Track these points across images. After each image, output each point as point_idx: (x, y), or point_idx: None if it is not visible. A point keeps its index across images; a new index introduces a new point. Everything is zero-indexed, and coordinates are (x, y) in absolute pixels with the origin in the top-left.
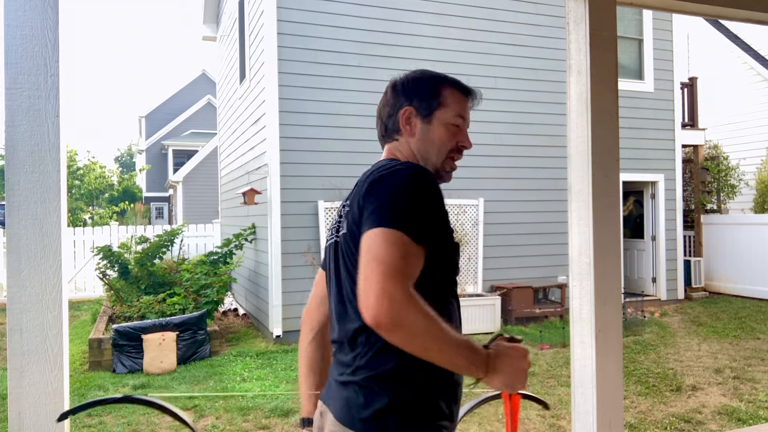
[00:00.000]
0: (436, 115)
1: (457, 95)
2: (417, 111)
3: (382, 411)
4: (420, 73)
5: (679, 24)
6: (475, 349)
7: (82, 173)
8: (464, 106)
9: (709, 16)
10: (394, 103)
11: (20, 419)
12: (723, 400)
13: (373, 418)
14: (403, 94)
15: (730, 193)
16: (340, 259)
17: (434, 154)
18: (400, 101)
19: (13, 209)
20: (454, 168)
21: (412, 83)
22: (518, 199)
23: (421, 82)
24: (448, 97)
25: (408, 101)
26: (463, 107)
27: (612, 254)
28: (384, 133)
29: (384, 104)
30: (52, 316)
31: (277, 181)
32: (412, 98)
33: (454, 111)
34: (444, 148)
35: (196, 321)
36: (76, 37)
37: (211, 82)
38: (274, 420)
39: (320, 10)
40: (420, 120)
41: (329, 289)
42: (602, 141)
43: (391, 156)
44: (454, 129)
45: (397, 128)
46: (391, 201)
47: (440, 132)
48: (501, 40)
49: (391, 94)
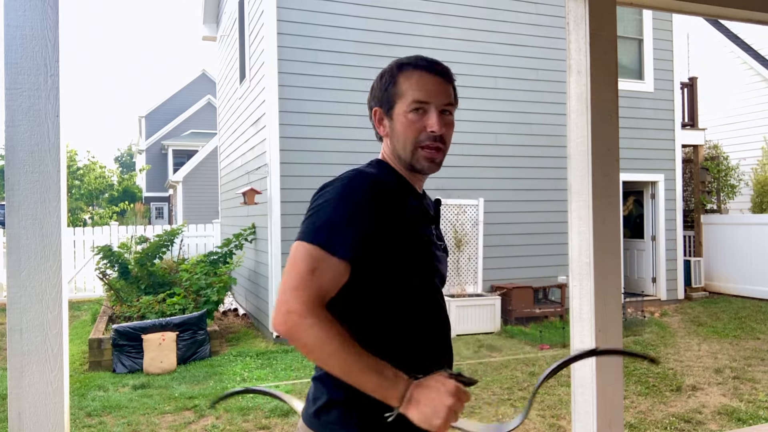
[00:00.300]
0: (396, 109)
1: (416, 77)
2: (383, 110)
3: (323, 407)
4: (385, 68)
5: (679, 24)
6: (387, 376)
7: (82, 173)
8: (429, 86)
9: (709, 16)
10: (368, 107)
11: (20, 419)
12: (723, 400)
13: (317, 413)
14: (371, 95)
15: (730, 193)
16: None
17: (401, 148)
18: (371, 104)
19: (13, 209)
20: (433, 157)
21: (376, 82)
22: (518, 199)
23: (381, 78)
24: (403, 85)
25: (375, 102)
26: (427, 88)
27: (612, 254)
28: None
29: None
30: (52, 316)
31: (277, 181)
32: (376, 98)
33: (410, 97)
34: (408, 140)
35: (196, 321)
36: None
37: (211, 82)
38: (274, 420)
39: (320, 10)
40: (387, 118)
41: None
42: (602, 141)
43: (379, 157)
44: (414, 117)
45: (377, 131)
46: (314, 213)
47: (401, 124)
48: (501, 40)
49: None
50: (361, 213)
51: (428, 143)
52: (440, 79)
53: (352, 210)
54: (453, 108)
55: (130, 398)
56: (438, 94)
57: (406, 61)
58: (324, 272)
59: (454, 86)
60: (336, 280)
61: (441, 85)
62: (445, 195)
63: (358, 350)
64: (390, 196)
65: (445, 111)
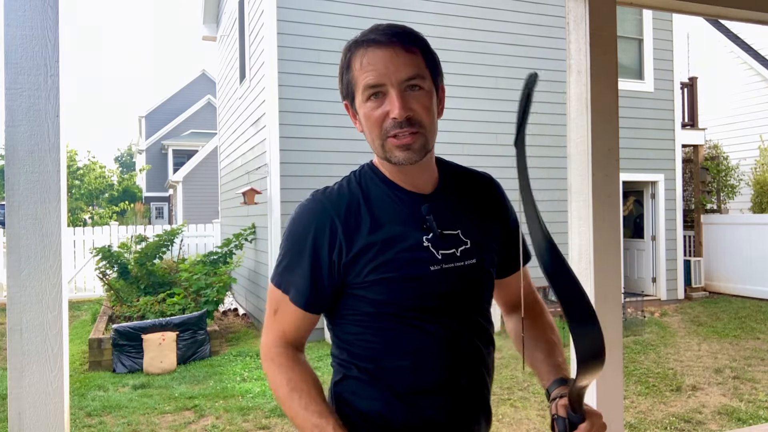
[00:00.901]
0: (356, 102)
1: (364, 57)
2: (349, 103)
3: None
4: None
5: (679, 24)
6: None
7: (82, 173)
8: (377, 65)
9: (709, 16)
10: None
11: (20, 419)
12: (723, 400)
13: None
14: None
15: (730, 193)
16: None
17: (372, 145)
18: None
19: (13, 209)
20: (407, 144)
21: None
22: (518, 199)
23: (341, 70)
24: (356, 72)
25: (341, 95)
26: (374, 68)
27: (612, 254)
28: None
29: None
30: (52, 316)
31: (277, 181)
32: (341, 91)
33: (363, 82)
34: (374, 134)
35: (196, 321)
36: (76, 37)
37: (211, 82)
38: (274, 420)
39: (320, 10)
40: (354, 112)
41: None
42: (602, 141)
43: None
44: (372, 104)
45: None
46: (281, 248)
47: (363, 118)
48: (501, 40)
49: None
50: (299, 252)
51: (396, 131)
52: (395, 49)
53: (292, 248)
54: (424, 80)
55: (130, 398)
56: (394, 70)
57: (357, 39)
58: (284, 315)
59: (425, 50)
60: (297, 324)
61: (397, 57)
62: None
63: (303, 402)
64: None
65: (413, 87)
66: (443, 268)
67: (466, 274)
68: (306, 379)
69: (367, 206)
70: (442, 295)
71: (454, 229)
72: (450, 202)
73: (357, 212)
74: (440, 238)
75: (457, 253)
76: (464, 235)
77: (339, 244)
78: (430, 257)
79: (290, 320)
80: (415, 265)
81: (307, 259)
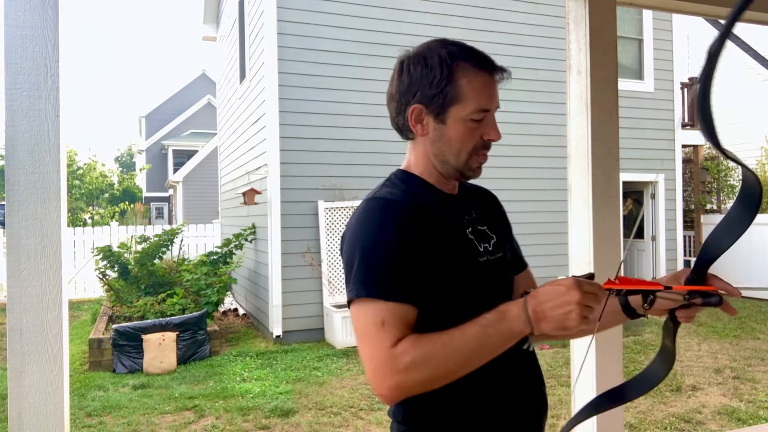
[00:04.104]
0: (451, 113)
1: (479, 80)
2: (427, 109)
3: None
4: (428, 51)
5: (679, 24)
6: (503, 314)
7: (82, 173)
8: (490, 90)
9: (709, 16)
10: (399, 98)
11: (20, 419)
12: (723, 400)
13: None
14: (408, 87)
15: (730, 193)
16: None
17: (453, 155)
18: (406, 97)
19: (13, 209)
20: (484, 161)
21: (419, 72)
22: (518, 199)
23: (428, 69)
24: (464, 87)
25: (416, 97)
26: (489, 92)
27: (612, 254)
28: (398, 129)
29: (392, 95)
30: (52, 316)
31: (277, 181)
32: (421, 95)
33: (474, 104)
34: (464, 149)
35: (196, 321)
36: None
37: (211, 82)
38: (274, 420)
39: (320, 10)
40: (433, 119)
41: None
42: (602, 141)
43: (406, 161)
44: (476, 124)
45: (408, 128)
46: (356, 261)
47: (458, 132)
48: (501, 40)
49: (397, 84)
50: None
51: (483, 150)
52: (496, 79)
53: (386, 246)
54: None
55: (130, 398)
56: (497, 98)
57: (462, 54)
58: (393, 318)
59: None
60: (409, 315)
61: (497, 87)
62: None
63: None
64: (411, 217)
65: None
66: (488, 260)
67: (500, 266)
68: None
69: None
70: (499, 286)
71: (483, 225)
72: (471, 203)
73: (424, 215)
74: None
75: (489, 246)
76: (490, 231)
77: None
78: (477, 255)
79: (401, 316)
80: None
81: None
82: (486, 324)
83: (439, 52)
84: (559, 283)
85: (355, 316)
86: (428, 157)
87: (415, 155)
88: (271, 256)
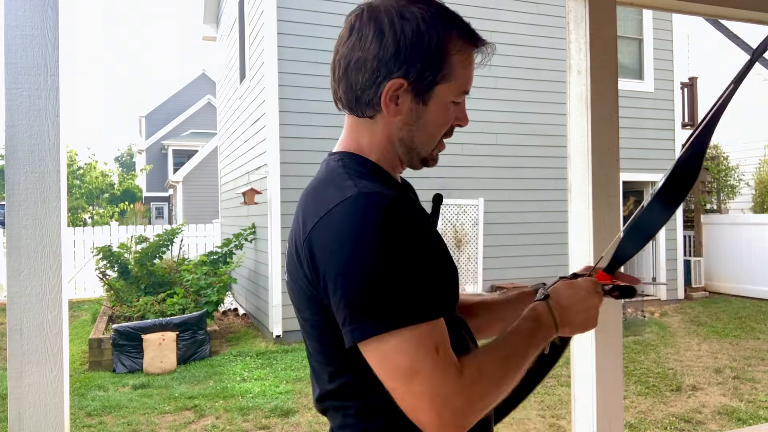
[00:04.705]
0: (437, 92)
1: (467, 55)
2: (410, 87)
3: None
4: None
5: (679, 24)
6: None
7: (82, 173)
8: (472, 68)
9: (709, 16)
10: (378, 66)
11: (20, 419)
12: (723, 400)
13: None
14: (395, 55)
15: (730, 193)
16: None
17: (424, 142)
18: (388, 66)
19: (13, 209)
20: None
21: (409, 38)
22: (518, 199)
23: (423, 41)
24: (456, 64)
25: (401, 70)
26: (471, 71)
27: None
28: (352, 103)
29: (364, 61)
30: (52, 316)
31: (277, 181)
32: (408, 67)
33: (460, 84)
34: (437, 134)
35: (196, 321)
36: (76, 37)
37: (211, 82)
38: (274, 420)
39: (320, 10)
40: (411, 98)
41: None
42: (602, 141)
43: (354, 144)
44: (453, 107)
45: (374, 104)
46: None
47: (437, 115)
48: (501, 40)
49: (376, 47)
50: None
51: (447, 137)
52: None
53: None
54: None
55: (130, 398)
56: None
57: (455, 23)
58: (441, 333)
59: None
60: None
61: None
62: (446, 195)
63: (502, 351)
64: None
65: None
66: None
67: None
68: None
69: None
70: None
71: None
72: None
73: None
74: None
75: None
76: None
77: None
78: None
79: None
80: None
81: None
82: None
83: (426, 13)
84: (579, 286)
85: (389, 355)
86: (391, 141)
87: (370, 137)
88: (271, 256)
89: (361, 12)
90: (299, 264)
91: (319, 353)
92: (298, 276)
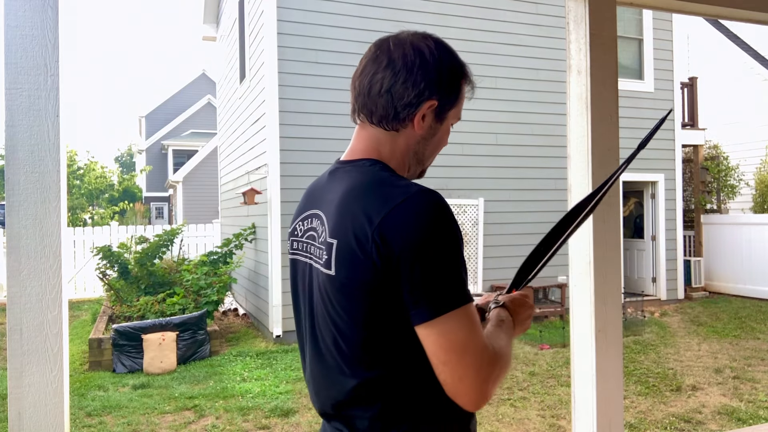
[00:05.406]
0: (449, 115)
1: (467, 87)
2: (438, 107)
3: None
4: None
5: (679, 24)
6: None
7: (82, 173)
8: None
9: (709, 16)
10: (425, 87)
11: (20, 419)
12: (723, 400)
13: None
14: (436, 81)
15: (730, 193)
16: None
17: (429, 156)
18: (429, 89)
19: (13, 209)
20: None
21: (447, 65)
22: (518, 199)
23: (451, 71)
24: (462, 94)
25: (436, 93)
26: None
27: (612, 254)
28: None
29: (406, 82)
30: (52, 316)
31: (277, 181)
32: (440, 90)
33: (459, 110)
34: (439, 150)
35: (196, 321)
36: (76, 37)
37: (211, 82)
38: (274, 420)
39: (320, 10)
40: (434, 117)
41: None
42: (602, 141)
43: (375, 152)
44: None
45: (406, 119)
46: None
47: (443, 134)
48: (501, 40)
49: (423, 71)
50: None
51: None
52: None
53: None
54: None
55: (130, 398)
56: None
57: (468, 71)
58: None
59: None
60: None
61: None
62: (446, 195)
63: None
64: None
65: None
66: None
67: None
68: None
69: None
70: None
71: None
72: None
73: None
74: None
75: None
76: None
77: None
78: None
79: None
80: None
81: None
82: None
83: (458, 60)
84: (524, 295)
85: (453, 330)
86: (408, 153)
87: (391, 148)
88: (271, 256)
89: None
90: (362, 253)
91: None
92: (355, 265)
